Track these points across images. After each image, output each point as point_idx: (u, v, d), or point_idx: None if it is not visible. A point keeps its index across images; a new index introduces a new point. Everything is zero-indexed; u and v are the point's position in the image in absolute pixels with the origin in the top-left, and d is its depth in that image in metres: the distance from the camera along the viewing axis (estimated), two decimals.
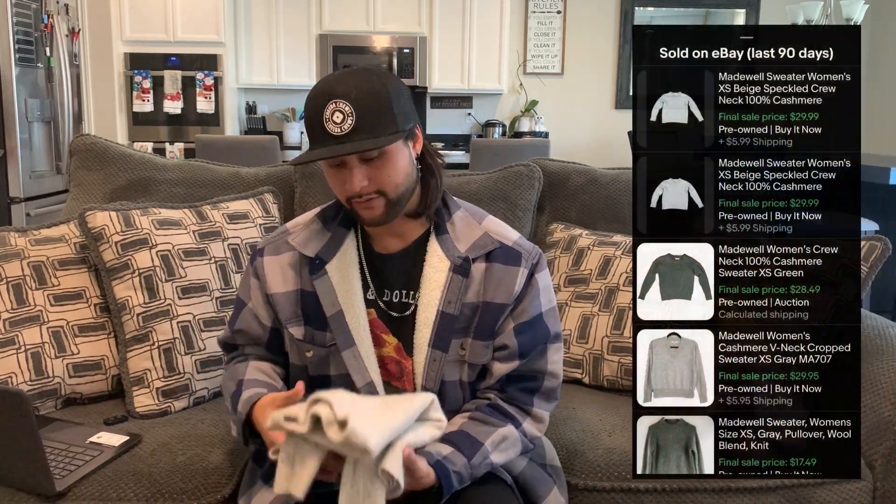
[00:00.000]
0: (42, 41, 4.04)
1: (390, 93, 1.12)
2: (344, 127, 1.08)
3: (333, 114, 1.08)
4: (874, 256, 1.62)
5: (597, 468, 1.39)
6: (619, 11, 6.02)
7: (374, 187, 1.12)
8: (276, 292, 1.23)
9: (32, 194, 3.99)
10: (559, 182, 2.03)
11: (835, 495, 1.36)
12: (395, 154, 1.13)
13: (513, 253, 1.20)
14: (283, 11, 5.48)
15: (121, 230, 1.60)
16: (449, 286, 1.18)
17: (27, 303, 1.57)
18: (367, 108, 1.09)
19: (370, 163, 1.12)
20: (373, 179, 1.12)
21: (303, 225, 1.27)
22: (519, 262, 1.19)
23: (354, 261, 1.22)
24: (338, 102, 1.08)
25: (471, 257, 1.19)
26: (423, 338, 1.18)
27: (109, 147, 1.95)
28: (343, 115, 1.08)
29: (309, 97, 1.13)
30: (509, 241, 1.22)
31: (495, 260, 1.20)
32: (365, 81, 1.11)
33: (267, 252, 1.26)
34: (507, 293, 1.18)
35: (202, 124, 5.19)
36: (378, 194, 1.13)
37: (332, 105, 1.08)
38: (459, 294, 1.17)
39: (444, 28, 5.58)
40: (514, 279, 1.18)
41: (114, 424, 1.50)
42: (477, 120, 6.01)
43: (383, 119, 1.10)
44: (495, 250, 1.20)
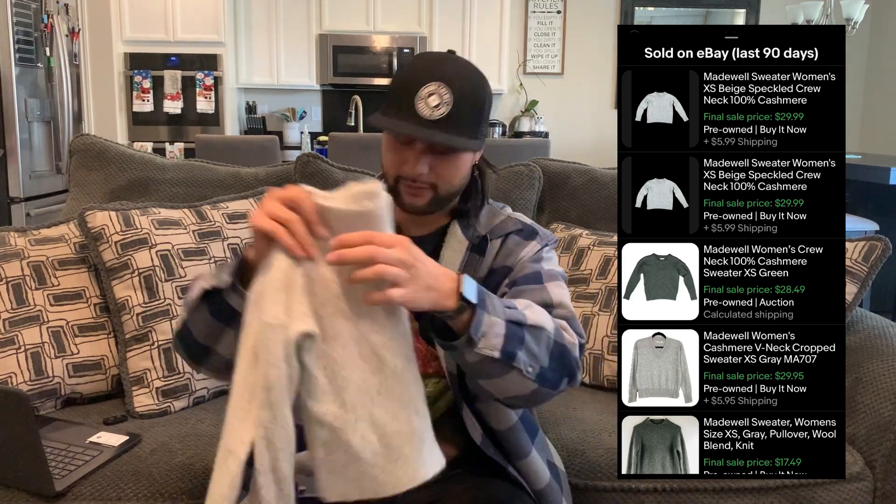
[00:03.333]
0: (42, 41, 4.04)
1: (485, 98, 1.10)
2: (436, 113, 1.03)
3: (430, 95, 1.04)
4: (874, 256, 1.62)
5: (597, 468, 1.39)
6: (619, 11, 6.02)
7: (432, 179, 1.10)
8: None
9: (32, 194, 3.99)
10: (559, 182, 2.03)
11: (835, 495, 1.37)
12: (464, 156, 1.11)
13: (530, 231, 1.19)
14: (283, 11, 5.48)
15: (120, 230, 1.60)
16: (465, 265, 1.16)
17: (27, 303, 1.57)
18: (465, 104, 1.05)
19: (438, 154, 1.08)
20: (434, 170, 1.09)
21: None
22: (534, 238, 1.18)
23: None
24: (440, 86, 1.04)
25: (489, 237, 1.17)
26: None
27: (109, 147, 1.95)
28: (440, 100, 1.04)
29: (408, 66, 1.08)
30: (528, 224, 1.21)
31: (512, 235, 1.18)
32: (471, 77, 1.08)
33: None
34: (513, 260, 1.16)
35: (202, 124, 5.20)
36: (430, 186, 1.10)
37: (434, 86, 1.04)
38: (475, 273, 1.15)
39: (444, 28, 5.59)
40: (525, 248, 1.16)
41: (113, 424, 1.50)
42: None
43: (475, 120, 1.08)
44: (514, 231, 1.19)
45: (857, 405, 1.49)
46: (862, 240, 1.66)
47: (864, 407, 1.47)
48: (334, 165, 1.93)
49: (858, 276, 1.62)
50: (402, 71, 1.09)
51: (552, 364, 1.00)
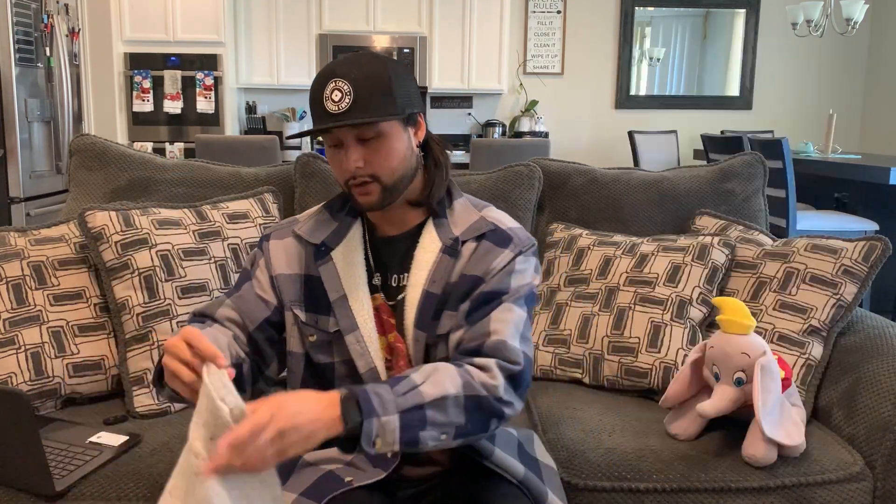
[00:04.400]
0: (42, 41, 4.04)
1: (391, 76, 1.13)
2: (341, 105, 1.09)
3: (332, 92, 1.10)
4: (874, 256, 1.62)
5: (597, 468, 1.39)
6: (619, 11, 6.02)
7: (370, 170, 1.13)
8: (281, 273, 1.23)
9: (32, 194, 3.99)
10: (559, 182, 2.03)
11: (835, 495, 1.37)
12: (391, 137, 1.13)
13: (504, 236, 1.19)
14: (283, 11, 5.48)
15: (121, 230, 1.60)
16: (437, 267, 1.17)
17: (27, 303, 1.57)
18: (365, 88, 1.10)
19: (366, 144, 1.12)
20: (368, 161, 1.13)
21: (309, 215, 1.28)
22: (507, 245, 1.18)
23: (359, 247, 1.22)
24: (337, 81, 1.10)
25: (462, 239, 1.19)
26: (410, 319, 1.18)
27: (109, 147, 1.95)
28: (341, 93, 1.09)
29: (317, 76, 1.15)
30: (504, 227, 1.21)
31: (486, 240, 1.19)
32: (367, 64, 1.13)
33: (273, 237, 1.27)
34: (485, 269, 1.16)
35: (202, 124, 5.20)
36: (373, 179, 1.13)
37: (332, 84, 1.10)
38: (446, 274, 1.17)
39: (444, 28, 5.59)
40: (497, 258, 1.16)
41: (114, 424, 1.50)
42: (477, 120, 6.01)
43: (382, 100, 1.11)
44: (488, 232, 1.19)
45: (857, 405, 1.49)
46: (862, 240, 1.66)
47: (864, 407, 1.47)
48: None
49: (858, 276, 1.62)
50: (312, 84, 1.15)
51: (470, 417, 1.04)
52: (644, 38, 6.07)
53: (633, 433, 1.48)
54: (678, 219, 1.99)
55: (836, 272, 1.63)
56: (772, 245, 1.78)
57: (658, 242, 1.81)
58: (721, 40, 6.08)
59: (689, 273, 1.72)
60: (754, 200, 2.01)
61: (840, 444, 1.46)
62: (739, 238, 1.83)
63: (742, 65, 6.09)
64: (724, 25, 6.06)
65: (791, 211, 3.54)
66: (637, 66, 6.09)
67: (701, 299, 1.70)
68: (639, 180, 2.03)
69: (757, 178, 2.02)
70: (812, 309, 1.62)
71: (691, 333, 1.67)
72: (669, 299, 1.69)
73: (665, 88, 6.13)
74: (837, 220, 3.71)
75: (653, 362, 1.64)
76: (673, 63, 6.10)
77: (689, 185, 2.02)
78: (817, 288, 1.63)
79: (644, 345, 1.65)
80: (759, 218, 2.00)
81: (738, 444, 1.40)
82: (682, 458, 1.40)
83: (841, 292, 1.61)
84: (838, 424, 1.52)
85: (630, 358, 1.66)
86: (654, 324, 1.67)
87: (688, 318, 1.68)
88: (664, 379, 1.62)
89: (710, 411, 1.36)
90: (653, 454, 1.41)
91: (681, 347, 1.64)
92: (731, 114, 6.20)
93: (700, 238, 1.78)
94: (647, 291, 1.71)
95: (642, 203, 2.00)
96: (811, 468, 1.38)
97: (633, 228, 1.98)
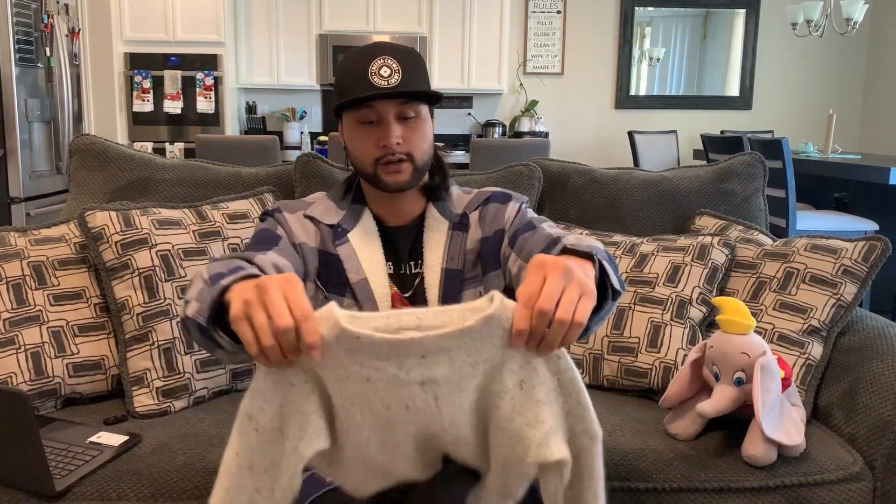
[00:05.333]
0: (42, 41, 4.04)
1: (425, 64, 1.20)
2: (391, 80, 1.12)
3: (381, 68, 1.13)
4: (874, 256, 1.62)
5: None
6: (619, 11, 6.02)
7: (407, 148, 1.17)
8: (304, 243, 1.22)
9: (32, 194, 4.00)
10: (559, 182, 2.03)
11: (835, 495, 1.37)
12: (426, 120, 1.20)
13: (503, 194, 1.29)
14: (283, 11, 5.48)
15: (121, 230, 1.60)
16: (449, 244, 1.22)
17: (27, 303, 1.57)
18: (411, 68, 1.15)
19: (406, 123, 1.17)
20: (406, 140, 1.17)
21: (317, 201, 1.29)
22: (510, 199, 1.27)
23: (375, 233, 1.25)
24: (386, 59, 1.13)
25: (467, 212, 1.26)
26: (433, 299, 1.19)
27: (109, 147, 1.95)
28: (390, 70, 1.13)
29: (347, 59, 1.16)
30: (498, 190, 1.30)
31: (489, 203, 1.27)
32: (407, 49, 1.18)
33: (286, 211, 1.26)
34: (501, 223, 1.24)
35: (202, 124, 5.20)
36: (407, 158, 1.17)
37: (381, 60, 1.13)
38: (461, 248, 1.22)
39: (444, 28, 5.59)
40: (507, 210, 1.25)
41: (114, 424, 1.50)
42: (477, 120, 6.01)
43: (424, 78, 1.17)
44: (489, 197, 1.28)
45: (857, 405, 1.49)
46: (862, 240, 1.66)
47: (864, 407, 1.47)
48: (334, 165, 1.93)
49: (858, 276, 1.62)
50: (344, 65, 1.17)
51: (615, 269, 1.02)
52: (644, 38, 6.07)
53: (632, 433, 1.48)
54: (678, 219, 1.99)
55: (835, 272, 1.63)
56: (772, 245, 1.78)
57: (658, 242, 1.81)
58: (721, 40, 6.08)
59: (688, 273, 1.72)
60: (754, 200, 2.01)
61: (840, 444, 1.46)
62: (739, 238, 1.83)
63: (742, 65, 6.09)
64: (724, 25, 6.06)
65: (791, 211, 3.54)
66: (637, 66, 6.09)
67: (701, 299, 1.70)
68: (638, 180, 2.03)
69: (757, 178, 2.02)
70: (812, 309, 1.62)
71: (691, 333, 1.67)
72: (669, 299, 1.69)
73: (665, 88, 6.13)
74: (837, 220, 3.72)
75: (652, 362, 1.64)
76: (673, 63, 6.10)
77: (688, 185, 2.02)
78: (817, 288, 1.63)
79: (644, 345, 1.65)
80: (758, 218, 2.00)
81: (738, 444, 1.40)
82: (682, 458, 1.40)
83: (841, 292, 1.61)
84: (838, 424, 1.52)
85: (630, 358, 1.66)
86: (653, 324, 1.67)
87: (688, 318, 1.68)
88: (664, 379, 1.62)
89: (709, 411, 1.36)
90: (653, 454, 1.41)
91: (680, 347, 1.64)
92: (730, 114, 6.20)
93: (700, 238, 1.78)
94: (646, 291, 1.71)
95: (642, 203, 2.00)
96: (811, 468, 1.38)
97: (632, 228, 1.98)
